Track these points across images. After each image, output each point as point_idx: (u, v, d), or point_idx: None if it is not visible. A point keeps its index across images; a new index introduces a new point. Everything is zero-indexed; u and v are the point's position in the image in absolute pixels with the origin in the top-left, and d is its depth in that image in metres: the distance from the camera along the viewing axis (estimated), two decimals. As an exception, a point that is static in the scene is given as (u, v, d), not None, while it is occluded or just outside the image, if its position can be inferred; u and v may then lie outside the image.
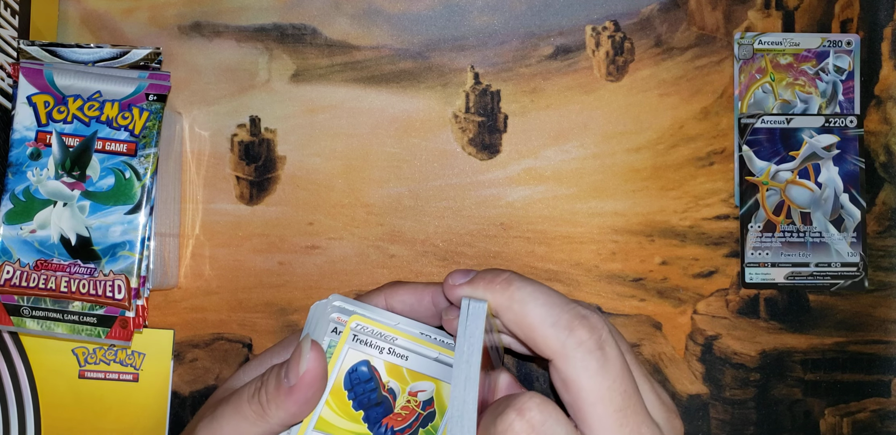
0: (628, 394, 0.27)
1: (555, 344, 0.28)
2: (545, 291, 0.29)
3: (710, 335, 0.45)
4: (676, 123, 0.45)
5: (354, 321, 0.31)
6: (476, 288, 0.30)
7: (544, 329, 0.28)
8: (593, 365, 0.27)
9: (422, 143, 0.45)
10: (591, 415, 0.27)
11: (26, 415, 0.43)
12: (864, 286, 0.44)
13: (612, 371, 0.27)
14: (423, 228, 0.45)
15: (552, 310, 0.28)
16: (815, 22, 0.45)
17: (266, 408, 0.30)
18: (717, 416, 0.44)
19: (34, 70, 0.40)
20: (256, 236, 0.45)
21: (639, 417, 0.27)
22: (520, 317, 0.28)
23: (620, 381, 0.27)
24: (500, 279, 0.29)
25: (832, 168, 0.45)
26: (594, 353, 0.27)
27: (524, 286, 0.29)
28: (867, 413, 0.45)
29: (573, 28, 0.45)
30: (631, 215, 0.45)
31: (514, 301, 0.29)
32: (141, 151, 0.40)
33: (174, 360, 0.44)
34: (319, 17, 0.45)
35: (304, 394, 0.29)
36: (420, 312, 0.35)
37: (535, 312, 0.28)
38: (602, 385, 0.27)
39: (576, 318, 0.28)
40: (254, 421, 0.30)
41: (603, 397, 0.27)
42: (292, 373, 0.30)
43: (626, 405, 0.27)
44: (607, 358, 0.27)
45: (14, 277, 0.39)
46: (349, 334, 0.31)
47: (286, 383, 0.30)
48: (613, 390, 0.27)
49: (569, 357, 0.27)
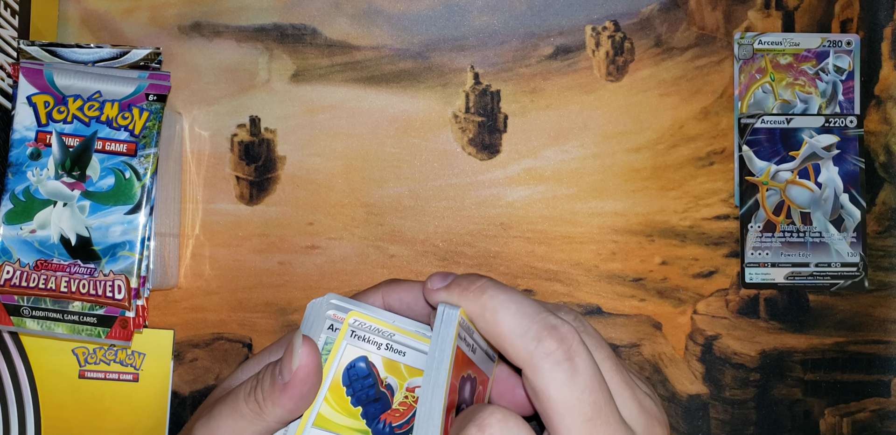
0: (598, 404, 0.27)
1: (523, 354, 0.28)
2: (517, 301, 0.29)
3: (710, 335, 0.45)
4: (676, 123, 0.45)
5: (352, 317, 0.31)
6: (451, 294, 0.30)
7: (513, 339, 0.28)
8: (561, 376, 0.27)
9: (422, 143, 0.45)
10: (560, 425, 0.27)
11: (26, 415, 0.43)
12: (864, 286, 0.45)
13: (580, 382, 0.27)
14: (423, 227, 0.45)
15: (522, 320, 0.28)
16: (815, 22, 0.45)
17: (262, 406, 0.30)
18: (717, 416, 0.44)
19: (34, 70, 0.40)
20: (256, 236, 0.45)
21: (609, 428, 0.27)
22: (491, 326, 0.28)
23: (590, 392, 0.27)
24: (475, 287, 0.29)
25: (832, 168, 0.45)
26: (562, 364, 0.27)
27: (497, 295, 0.29)
28: (867, 413, 0.45)
29: (573, 28, 0.45)
30: (631, 215, 0.45)
31: (486, 310, 0.29)
32: (141, 151, 0.40)
33: (174, 360, 0.44)
34: (319, 17, 0.45)
35: (298, 390, 0.29)
36: (417, 310, 0.35)
37: (506, 322, 0.28)
38: (571, 396, 0.27)
39: (545, 328, 0.28)
40: (251, 419, 0.30)
41: (571, 408, 0.27)
42: (286, 369, 0.30)
43: (595, 416, 0.27)
44: (576, 369, 0.27)
45: (14, 277, 0.39)
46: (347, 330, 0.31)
47: (280, 380, 0.30)
48: (582, 401, 0.27)
49: (537, 368, 0.27)
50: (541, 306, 0.29)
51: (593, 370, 0.28)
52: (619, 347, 0.45)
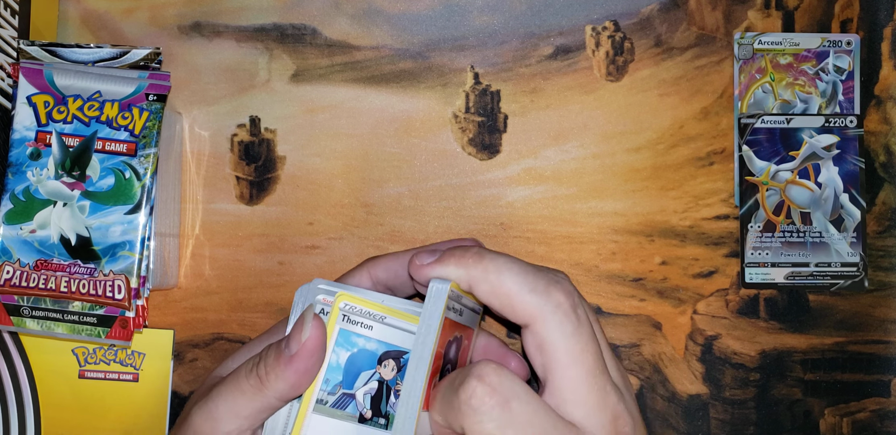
0: (597, 356, 0.29)
1: (533, 309, 0.29)
2: (516, 261, 0.30)
3: (710, 335, 0.45)
4: (676, 123, 0.45)
5: (342, 301, 0.31)
6: (447, 265, 0.31)
7: (522, 296, 0.29)
8: (569, 327, 0.29)
9: (422, 143, 0.45)
10: (563, 376, 0.28)
11: (26, 415, 0.43)
12: (864, 286, 0.45)
13: (584, 333, 0.29)
14: (423, 228, 0.45)
15: (527, 277, 0.29)
16: (815, 22, 0.45)
17: (265, 380, 0.30)
18: (717, 416, 0.44)
19: (34, 70, 0.40)
20: (256, 236, 0.45)
21: (605, 377, 0.29)
22: (496, 286, 0.30)
23: (592, 343, 0.29)
24: (471, 253, 0.30)
25: (832, 168, 0.45)
26: (570, 315, 0.29)
27: (496, 258, 0.30)
28: (867, 413, 0.45)
29: (573, 28, 0.45)
30: (631, 215, 0.45)
31: (489, 272, 0.30)
32: (141, 151, 0.40)
33: (174, 360, 0.44)
34: (319, 17, 0.45)
35: (304, 363, 0.30)
36: (404, 277, 0.36)
37: (512, 281, 0.29)
38: (576, 347, 0.29)
39: (551, 283, 0.29)
40: (251, 395, 0.30)
41: (576, 359, 0.28)
42: (294, 341, 0.30)
43: (595, 365, 0.29)
44: (580, 321, 0.29)
45: (14, 277, 0.39)
46: (339, 314, 0.31)
47: (287, 352, 0.30)
48: (586, 352, 0.29)
49: (547, 320, 0.29)
50: (537, 266, 0.31)
51: (591, 322, 0.30)
52: (619, 346, 0.45)
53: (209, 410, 0.31)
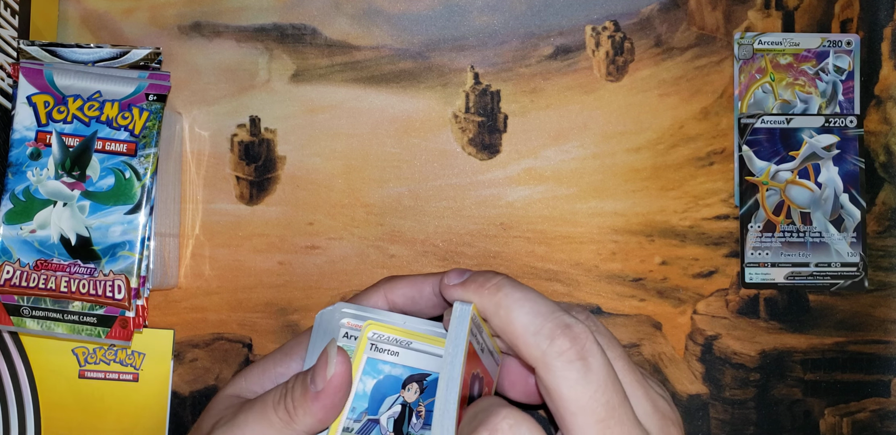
0: (612, 404, 0.27)
1: (536, 353, 0.28)
2: (532, 299, 0.29)
3: (710, 335, 0.45)
4: (676, 123, 0.45)
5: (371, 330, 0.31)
6: (467, 291, 0.30)
7: (527, 337, 0.28)
8: (574, 375, 0.27)
9: (422, 143, 0.45)
10: (572, 424, 0.27)
11: (26, 415, 0.43)
12: (864, 286, 0.45)
13: (594, 381, 0.27)
14: (423, 228, 0.45)
15: (536, 318, 0.28)
16: (815, 22, 0.45)
17: (293, 415, 0.30)
18: (717, 416, 0.44)
19: (34, 70, 0.40)
20: (256, 236, 0.45)
21: (623, 428, 0.27)
22: (505, 323, 0.29)
23: (603, 391, 0.27)
24: (491, 284, 0.29)
25: (832, 168, 0.45)
26: (574, 363, 0.27)
27: (512, 292, 0.29)
28: (867, 413, 0.45)
29: (573, 28, 0.45)
30: (631, 215, 0.45)
31: (501, 307, 0.29)
32: (141, 151, 0.40)
33: (174, 360, 0.44)
34: (319, 17, 0.45)
35: (331, 399, 0.30)
36: (422, 304, 0.35)
37: (520, 320, 0.28)
38: (583, 395, 0.27)
39: (558, 327, 0.28)
40: (280, 428, 0.30)
41: (584, 408, 0.27)
42: (319, 378, 0.30)
43: (609, 416, 0.27)
44: (589, 368, 0.27)
45: (14, 277, 0.39)
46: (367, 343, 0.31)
47: (313, 389, 0.30)
48: (595, 401, 0.27)
49: (550, 366, 0.27)
50: (555, 305, 0.29)
51: (607, 370, 0.28)
52: (619, 347, 0.45)
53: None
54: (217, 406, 0.35)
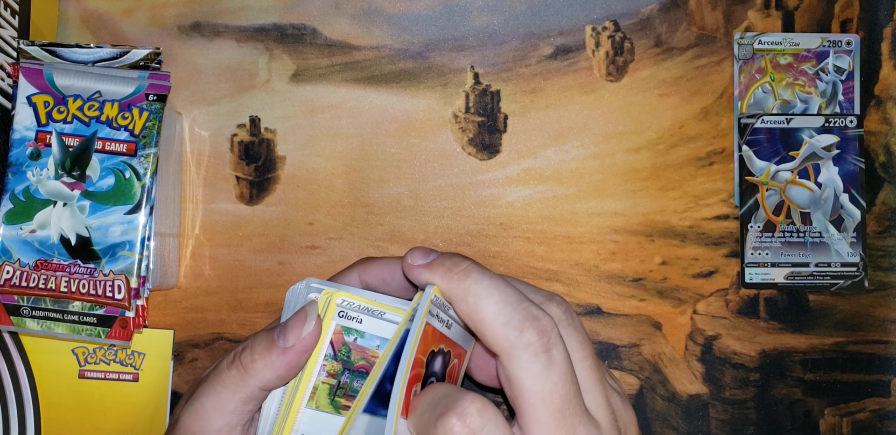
0: (568, 396, 0.28)
1: (503, 343, 0.28)
2: (501, 288, 0.29)
3: (710, 335, 0.45)
4: (676, 123, 0.45)
5: (340, 297, 0.31)
6: (434, 274, 0.30)
7: (494, 327, 0.28)
8: (537, 367, 0.28)
9: (422, 143, 0.45)
10: (530, 414, 0.28)
11: (26, 415, 0.43)
12: (864, 286, 0.45)
13: (554, 374, 0.28)
14: (423, 228, 0.45)
15: (505, 308, 0.28)
16: (815, 22, 0.45)
17: (249, 368, 0.30)
18: (717, 416, 0.44)
19: (34, 70, 0.40)
20: (256, 236, 0.45)
21: (576, 417, 0.28)
22: (473, 311, 0.29)
23: (562, 384, 0.28)
24: (459, 269, 0.29)
25: (832, 168, 0.45)
26: (540, 356, 0.28)
27: (481, 280, 0.29)
28: (867, 413, 0.45)
29: (573, 28, 0.45)
30: (631, 215, 0.45)
31: (469, 294, 0.29)
32: (141, 151, 0.40)
33: (174, 360, 0.44)
34: (319, 17, 0.45)
35: (298, 357, 0.29)
36: (394, 286, 0.35)
37: (488, 309, 0.28)
38: (544, 387, 0.28)
39: (527, 319, 0.28)
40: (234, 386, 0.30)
41: (543, 399, 0.27)
42: (292, 334, 0.29)
43: (564, 407, 0.28)
44: (552, 361, 0.28)
45: (14, 277, 0.39)
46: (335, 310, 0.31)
47: (282, 344, 0.29)
48: (554, 393, 0.28)
49: (515, 357, 0.28)
50: (523, 295, 0.29)
51: (567, 363, 0.28)
52: (619, 346, 0.45)
53: (196, 409, 0.31)
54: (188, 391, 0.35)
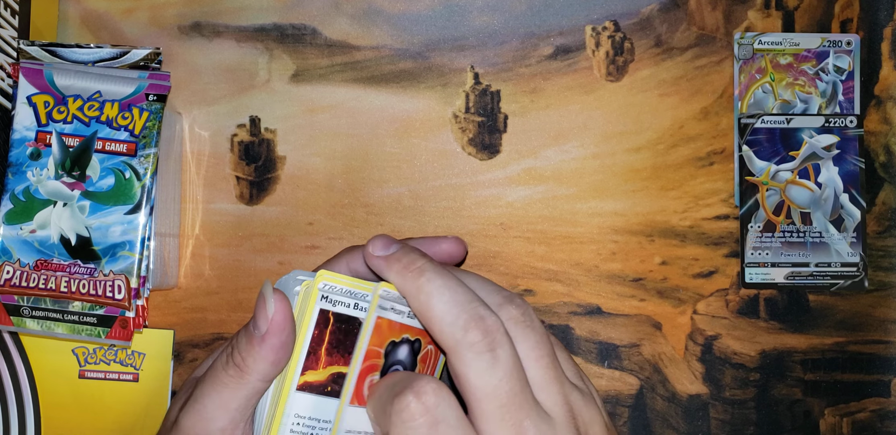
0: (514, 392, 0.29)
1: (449, 341, 0.29)
2: (452, 287, 0.30)
3: (710, 335, 0.45)
4: (676, 123, 0.45)
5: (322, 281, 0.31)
6: (390, 269, 0.31)
7: (442, 326, 0.29)
8: (482, 365, 0.29)
9: (422, 143, 0.45)
10: (476, 408, 0.29)
11: (26, 415, 0.43)
12: (864, 286, 0.45)
13: (499, 371, 0.29)
14: (423, 228, 0.45)
15: (453, 308, 0.29)
16: (815, 22, 0.45)
17: (243, 366, 0.30)
18: (717, 416, 0.44)
19: (34, 70, 0.40)
20: (256, 236, 0.45)
21: (522, 412, 0.29)
22: (424, 308, 0.30)
23: (507, 380, 0.29)
24: (414, 267, 0.30)
25: (832, 168, 0.45)
26: (483, 354, 0.29)
27: (434, 279, 0.30)
28: (867, 413, 0.45)
29: (573, 28, 0.45)
30: (631, 215, 0.45)
31: (421, 292, 0.30)
32: (141, 151, 0.40)
33: (174, 360, 0.44)
34: (319, 17, 0.45)
35: (277, 338, 0.30)
36: None
37: (438, 308, 0.29)
38: (488, 384, 0.29)
39: (473, 319, 0.29)
40: (235, 386, 0.30)
41: (487, 394, 0.29)
42: (261, 320, 0.30)
43: (509, 402, 0.29)
44: (496, 359, 0.29)
45: (14, 277, 0.39)
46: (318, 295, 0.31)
47: (257, 333, 0.30)
48: (499, 389, 0.29)
49: (460, 356, 0.29)
50: (474, 296, 0.30)
51: (513, 361, 0.29)
52: (619, 346, 0.45)
53: (197, 410, 0.31)
54: (181, 392, 0.34)
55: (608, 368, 0.45)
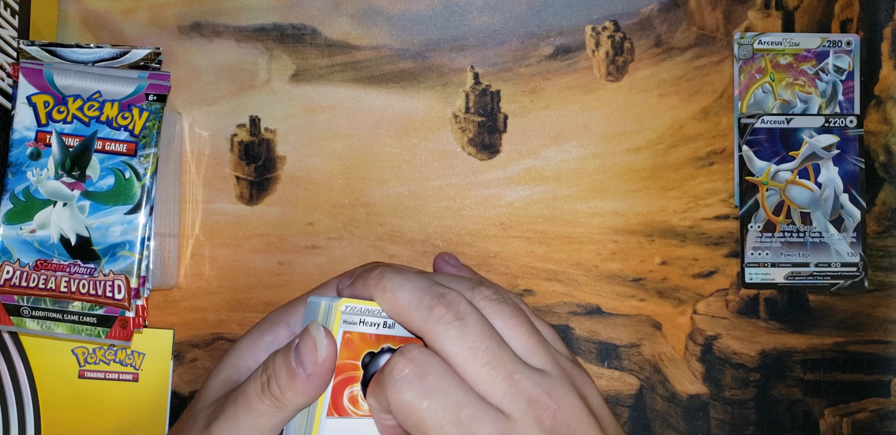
0: (492, 349, 0.30)
1: (419, 323, 0.30)
2: (411, 278, 0.32)
3: (710, 335, 0.45)
4: (676, 123, 0.45)
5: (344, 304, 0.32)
6: (356, 288, 0.33)
7: (410, 313, 0.31)
8: (453, 333, 0.30)
9: (422, 143, 0.45)
10: (464, 374, 0.30)
11: (26, 415, 0.43)
12: (864, 286, 0.45)
13: (471, 333, 0.30)
14: (423, 228, 0.45)
15: (415, 294, 0.31)
16: (814, 22, 0.45)
17: (281, 398, 0.31)
18: (717, 416, 0.44)
19: (34, 70, 0.40)
20: (256, 236, 0.45)
21: (509, 366, 0.30)
22: (391, 305, 0.31)
23: (482, 339, 0.30)
24: (374, 274, 0.32)
25: (832, 168, 0.45)
26: (452, 323, 0.30)
27: (393, 277, 0.32)
28: (867, 413, 0.45)
29: (573, 28, 0.45)
30: (631, 215, 0.45)
31: (386, 291, 0.31)
32: (141, 151, 0.40)
33: (174, 360, 0.44)
34: (319, 17, 0.45)
35: (322, 379, 0.31)
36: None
37: (402, 298, 0.31)
38: (464, 346, 0.30)
39: (435, 298, 0.31)
40: (270, 414, 0.31)
41: (468, 357, 0.30)
42: (308, 361, 0.31)
43: (492, 359, 0.30)
44: (466, 324, 0.30)
45: (14, 277, 0.39)
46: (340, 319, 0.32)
47: (302, 372, 0.31)
48: (476, 349, 0.30)
49: (433, 332, 0.30)
50: (432, 280, 0.32)
51: (483, 323, 0.31)
52: (619, 346, 0.45)
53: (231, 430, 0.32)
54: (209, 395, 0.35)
55: (608, 368, 0.45)
